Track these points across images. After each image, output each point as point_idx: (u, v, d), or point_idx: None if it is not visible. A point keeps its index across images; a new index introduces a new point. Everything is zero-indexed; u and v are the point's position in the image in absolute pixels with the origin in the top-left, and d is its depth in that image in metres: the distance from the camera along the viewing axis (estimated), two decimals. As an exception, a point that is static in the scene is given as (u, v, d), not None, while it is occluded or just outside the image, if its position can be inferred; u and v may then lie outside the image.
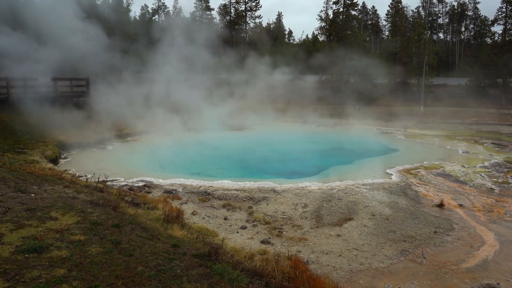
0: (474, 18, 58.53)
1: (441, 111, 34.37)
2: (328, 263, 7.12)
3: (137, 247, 4.61)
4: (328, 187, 11.89)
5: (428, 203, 10.68)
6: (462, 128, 29.39)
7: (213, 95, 28.93)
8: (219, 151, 20.27)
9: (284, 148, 22.03)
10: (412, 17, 56.62)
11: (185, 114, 25.19)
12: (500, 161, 16.63)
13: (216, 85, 30.39)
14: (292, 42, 64.03)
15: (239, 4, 53.09)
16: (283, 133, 27.42)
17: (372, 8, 63.75)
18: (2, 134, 14.92)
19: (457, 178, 13.61)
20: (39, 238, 4.29)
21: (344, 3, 45.74)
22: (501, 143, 22.16)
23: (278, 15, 60.72)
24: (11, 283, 3.32)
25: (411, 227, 8.92)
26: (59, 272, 3.61)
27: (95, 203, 6.40)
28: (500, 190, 12.20)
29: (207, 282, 3.91)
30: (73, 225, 4.96)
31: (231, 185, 12.01)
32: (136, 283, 3.66)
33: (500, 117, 33.21)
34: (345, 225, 9.01)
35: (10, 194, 6.12)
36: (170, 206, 8.67)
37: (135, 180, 12.32)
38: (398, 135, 25.97)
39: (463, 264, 7.22)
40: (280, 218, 9.39)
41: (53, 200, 6.13)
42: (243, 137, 25.25)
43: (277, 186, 11.90)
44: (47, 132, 16.78)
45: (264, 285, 4.34)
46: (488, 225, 9.18)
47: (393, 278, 6.67)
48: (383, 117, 32.89)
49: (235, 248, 7.06)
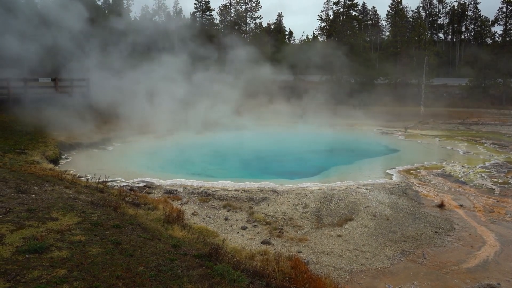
0: (474, 18, 58.48)
1: (442, 112, 34.37)
2: (329, 264, 7.12)
3: (137, 248, 4.61)
4: (329, 188, 11.88)
5: (428, 204, 10.68)
6: (462, 129, 29.39)
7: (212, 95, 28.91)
8: (219, 151, 20.29)
9: (284, 148, 22.04)
10: (412, 18, 56.57)
11: (185, 114, 25.18)
12: (501, 162, 16.63)
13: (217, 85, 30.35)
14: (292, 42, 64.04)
15: (240, 4, 53.12)
16: (283, 133, 27.42)
17: (372, 9, 63.71)
18: (3, 135, 14.93)
19: (457, 178, 13.60)
20: (40, 239, 4.29)
21: (344, 4, 45.76)
22: (501, 143, 22.15)
23: (279, 16, 60.66)
24: (12, 284, 3.32)
25: (412, 228, 8.92)
26: (60, 273, 3.61)
27: (96, 204, 6.40)
28: (500, 191, 12.20)
29: (207, 282, 3.91)
30: (74, 226, 4.96)
31: (231, 186, 12.01)
32: (137, 283, 3.66)
33: (500, 118, 33.21)
34: (346, 225, 9.01)
35: (10, 195, 6.13)
36: (170, 206, 8.67)
37: (135, 181, 12.32)
38: (399, 135, 25.97)
39: (463, 264, 7.21)
40: (281, 218, 9.38)
41: (54, 201, 6.13)
42: (243, 137, 25.26)
43: (277, 186, 11.90)
44: (47, 133, 16.80)
45: (264, 285, 4.34)
46: (488, 226, 9.17)
47: (394, 278, 6.66)
48: (383, 118, 32.88)
49: (236, 248, 7.06)
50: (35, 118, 17.42)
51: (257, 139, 25.04)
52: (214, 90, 29.07)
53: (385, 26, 62.64)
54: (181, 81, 26.95)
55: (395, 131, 27.89)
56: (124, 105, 22.33)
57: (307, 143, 23.75)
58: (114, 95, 22.65)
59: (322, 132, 27.95)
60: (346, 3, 45.51)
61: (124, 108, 22.22)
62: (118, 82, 24.07)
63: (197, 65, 29.76)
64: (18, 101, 18.36)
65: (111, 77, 24.11)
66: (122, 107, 22.15)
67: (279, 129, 28.74)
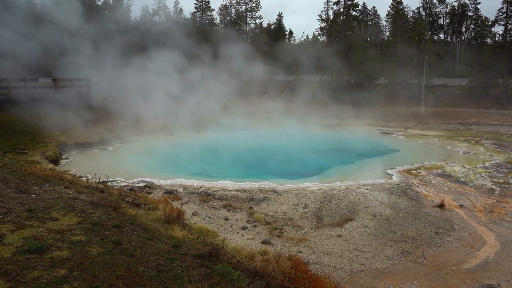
0: (474, 18, 58.48)
1: (442, 112, 34.36)
2: (329, 264, 7.12)
3: (138, 248, 4.61)
4: (329, 188, 11.88)
5: (428, 204, 10.68)
6: (462, 129, 29.39)
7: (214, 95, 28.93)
8: (219, 151, 20.29)
9: (284, 148, 22.04)
10: (412, 18, 56.59)
11: (186, 114, 25.18)
12: (501, 162, 16.62)
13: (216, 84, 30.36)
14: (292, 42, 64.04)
15: (240, 4, 53.13)
16: (283, 133, 27.42)
17: (373, 9, 63.77)
18: (3, 135, 14.94)
19: (457, 178, 13.60)
20: (40, 239, 4.29)
21: (344, 4, 45.75)
22: (501, 143, 22.15)
23: (279, 16, 60.68)
24: (12, 284, 3.33)
25: (412, 228, 8.92)
26: (60, 273, 3.61)
27: (96, 204, 6.41)
28: (500, 191, 12.19)
29: (208, 282, 3.91)
30: (74, 226, 4.96)
31: (231, 186, 12.01)
32: (137, 283, 3.67)
33: (500, 118, 33.21)
34: (346, 225, 9.01)
35: (11, 195, 6.13)
36: (170, 206, 8.67)
37: (135, 181, 12.32)
38: (399, 135, 25.97)
39: (463, 264, 7.21)
40: (281, 218, 9.39)
41: (54, 201, 6.13)
42: (243, 137, 25.25)
43: (277, 186, 11.90)
44: (47, 133, 16.81)
45: (265, 285, 4.34)
46: (488, 226, 9.17)
47: (394, 278, 6.67)
48: (383, 118, 32.89)
49: (236, 248, 7.06)
50: (35, 118, 17.43)
51: (256, 138, 25.04)
52: (214, 89, 29.06)
53: (385, 26, 62.72)
54: (181, 80, 26.96)
55: (395, 131, 27.89)
56: (124, 105, 22.33)
57: (307, 143, 23.74)
58: (114, 95, 22.67)
59: (322, 132, 27.95)
60: (346, 3, 45.51)
61: (124, 108, 22.22)
62: (118, 82, 24.09)
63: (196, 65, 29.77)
64: (18, 101, 18.37)
65: (111, 77, 24.13)
66: (122, 107, 22.15)
67: (278, 129, 28.74)
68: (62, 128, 17.91)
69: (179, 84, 26.57)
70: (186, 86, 27.13)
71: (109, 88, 23.20)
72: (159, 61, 26.83)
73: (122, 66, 24.76)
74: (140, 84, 24.94)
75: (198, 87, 28.91)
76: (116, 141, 20.14)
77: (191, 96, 27.09)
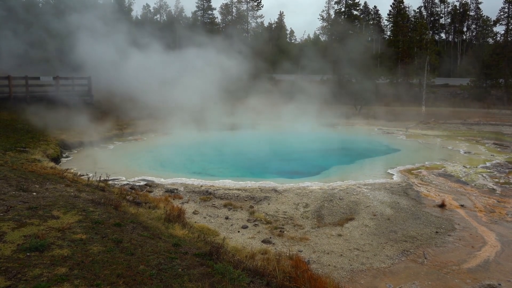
0: (476, 18, 58.39)
1: (443, 111, 34.31)
2: (329, 263, 7.11)
3: (138, 246, 4.61)
4: (330, 187, 11.88)
5: (429, 203, 10.67)
6: (463, 129, 29.34)
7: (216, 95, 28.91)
8: (220, 151, 20.28)
9: (285, 147, 22.04)
10: (414, 17, 56.48)
11: (186, 114, 25.18)
12: (502, 162, 16.60)
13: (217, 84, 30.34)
14: (293, 41, 63.99)
15: (241, 3, 53.09)
16: (284, 132, 27.41)
17: (374, 8, 63.57)
18: (4, 133, 14.96)
19: (458, 178, 13.59)
20: (41, 237, 4.29)
21: (346, 3, 45.70)
22: (502, 143, 22.11)
23: (280, 15, 60.61)
24: (13, 282, 3.33)
25: (413, 227, 8.91)
26: (61, 271, 3.62)
27: (97, 202, 6.41)
28: (501, 191, 12.17)
29: (208, 281, 3.91)
30: (75, 224, 4.96)
31: (232, 185, 12.01)
32: (138, 282, 3.67)
33: (501, 118, 33.14)
34: (346, 225, 9.00)
35: (12, 193, 6.14)
36: (171, 205, 8.67)
37: (136, 179, 12.33)
38: (400, 135, 25.94)
39: (464, 264, 7.20)
40: (281, 217, 9.38)
41: (55, 199, 6.14)
42: (244, 136, 25.26)
43: (278, 185, 11.89)
44: (48, 131, 16.83)
45: (265, 284, 4.34)
46: (489, 226, 9.16)
47: (394, 278, 6.66)
48: (384, 117, 32.85)
49: (236, 247, 7.06)
50: (36, 117, 17.45)
51: (257, 138, 25.04)
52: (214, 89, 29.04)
53: (387, 25, 62.51)
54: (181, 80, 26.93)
55: (396, 130, 27.86)
56: (124, 105, 22.36)
57: (308, 142, 23.73)
58: (114, 95, 22.69)
59: (323, 132, 27.93)
60: (348, 3, 45.46)
61: (124, 107, 22.24)
62: (118, 82, 24.08)
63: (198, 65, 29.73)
64: (19, 100, 18.39)
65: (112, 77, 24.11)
66: (122, 106, 22.17)
67: (280, 128, 28.74)
68: (63, 126, 17.94)
69: (182, 86, 26.54)
70: (186, 87, 27.10)
71: (111, 89, 23.21)
72: (166, 60, 26.87)
73: (126, 67, 24.78)
74: (140, 84, 24.93)
75: (198, 87, 28.87)
76: (117, 139, 20.17)
77: (192, 96, 27.05)
